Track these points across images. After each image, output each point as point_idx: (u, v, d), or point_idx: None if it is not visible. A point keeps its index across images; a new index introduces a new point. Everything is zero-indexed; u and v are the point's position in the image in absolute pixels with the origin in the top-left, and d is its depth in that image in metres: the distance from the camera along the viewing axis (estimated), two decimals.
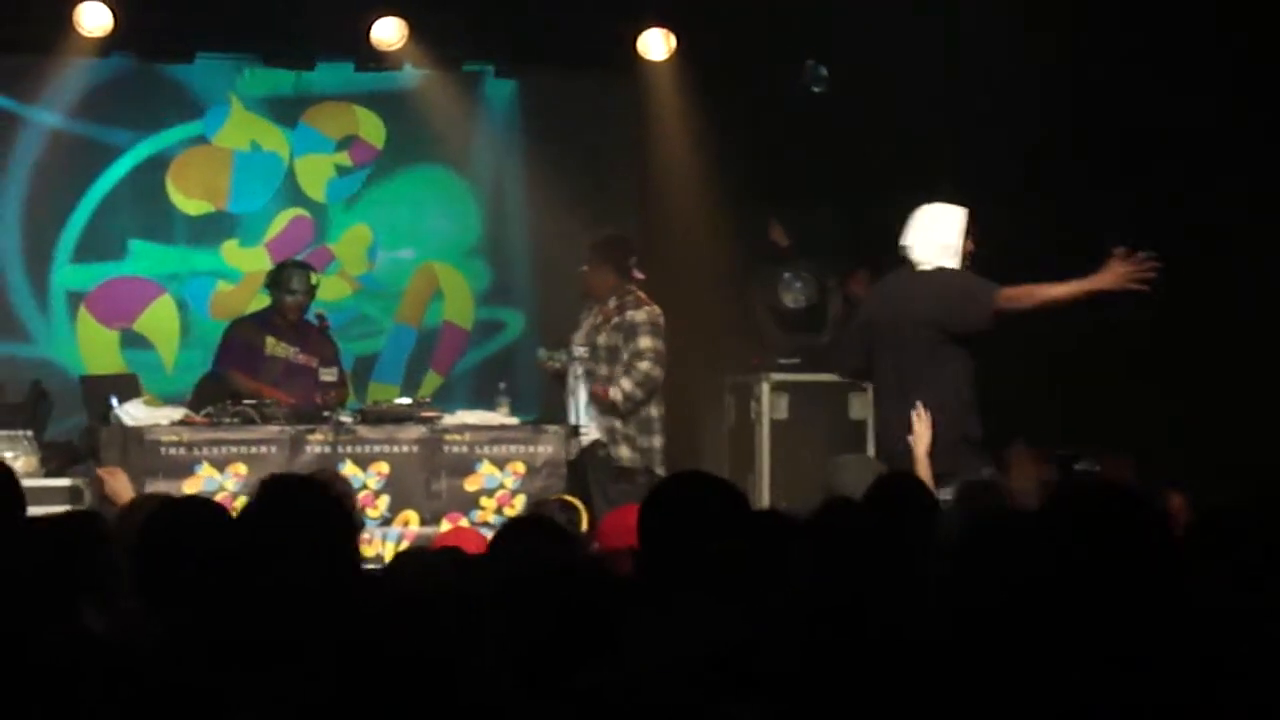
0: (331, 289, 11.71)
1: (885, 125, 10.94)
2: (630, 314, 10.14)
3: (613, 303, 10.18)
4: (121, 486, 8.60)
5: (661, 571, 3.98)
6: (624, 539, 5.08)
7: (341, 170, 12.14)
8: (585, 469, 10.02)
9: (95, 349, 11.70)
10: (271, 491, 4.09)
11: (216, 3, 11.03)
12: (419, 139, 12.16)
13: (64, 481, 9.39)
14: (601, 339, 10.14)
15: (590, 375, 10.09)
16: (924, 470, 7.67)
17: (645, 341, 10.07)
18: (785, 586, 4.27)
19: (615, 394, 10.03)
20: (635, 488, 9.65)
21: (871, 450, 10.19)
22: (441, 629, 3.66)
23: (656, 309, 10.20)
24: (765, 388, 10.89)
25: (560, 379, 10.25)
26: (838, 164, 11.18)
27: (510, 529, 5.14)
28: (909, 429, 8.10)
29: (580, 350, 10.14)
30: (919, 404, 8.09)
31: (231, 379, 10.25)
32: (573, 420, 10.00)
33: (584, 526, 6.98)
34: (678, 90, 11.70)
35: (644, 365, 10.06)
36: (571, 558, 4.28)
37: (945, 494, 7.04)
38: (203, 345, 11.11)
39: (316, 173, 12.11)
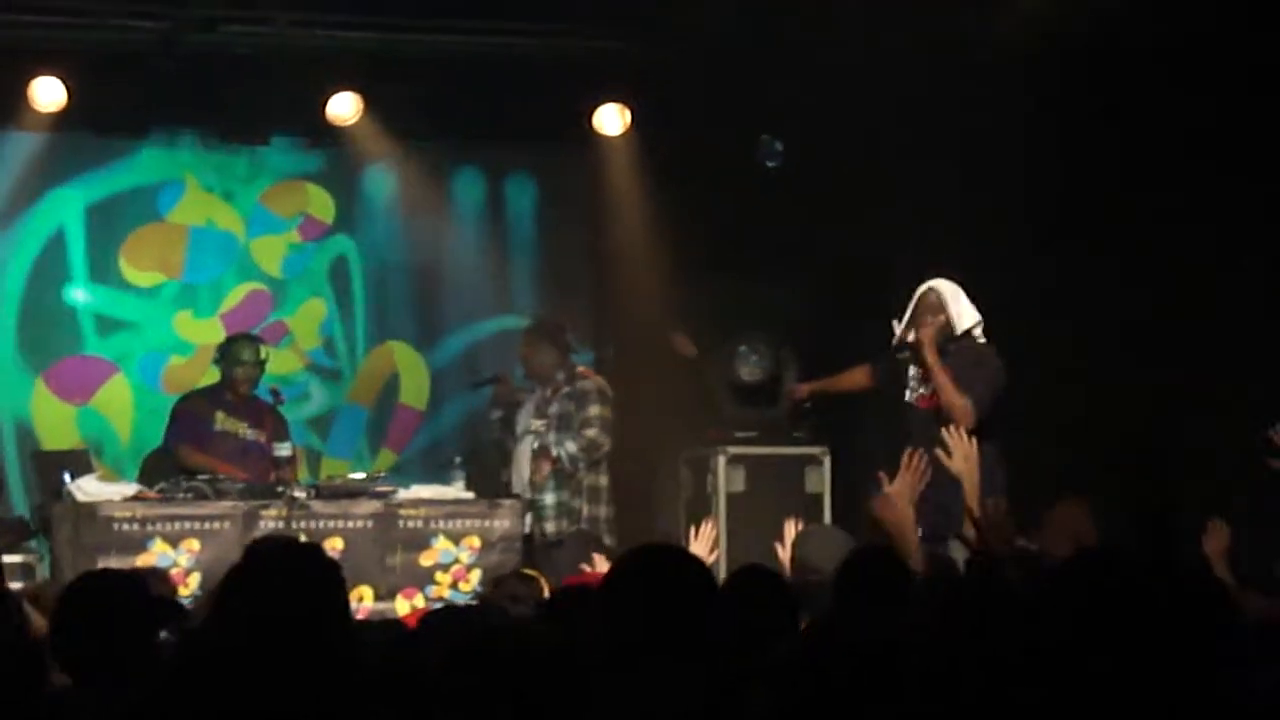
0: (283, 363, 11.68)
1: (841, 198, 10.98)
2: (580, 384, 10.28)
3: (560, 376, 10.25)
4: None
5: (627, 638, 3.96)
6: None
7: (293, 247, 12.12)
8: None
9: (52, 424, 11.63)
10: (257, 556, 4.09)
11: (171, 78, 10.99)
12: (370, 214, 12.15)
13: (16, 558, 9.32)
14: (553, 409, 10.23)
15: (543, 448, 10.14)
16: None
17: (594, 409, 10.19)
18: (753, 653, 4.26)
19: (559, 452, 10.07)
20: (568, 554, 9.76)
21: (829, 521, 10.22)
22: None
23: (603, 380, 10.37)
24: (721, 460, 10.88)
25: (505, 455, 10.34)
26: (794, 237, 11.22)
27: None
28: None
29: (537, 424, 10.20)
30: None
31: (181, 454, 10.21)
32: (517, 491, 10.07)
33: (545, 597, 6.94)
34: (633, 165, 11.73)
35: (591, 432, 10.16)
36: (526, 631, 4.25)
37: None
38: (158, 419, 11.04)
39: (272, 251, 12.09)
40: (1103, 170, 9.97)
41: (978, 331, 8.98)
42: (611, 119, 11.66)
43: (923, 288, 9.00)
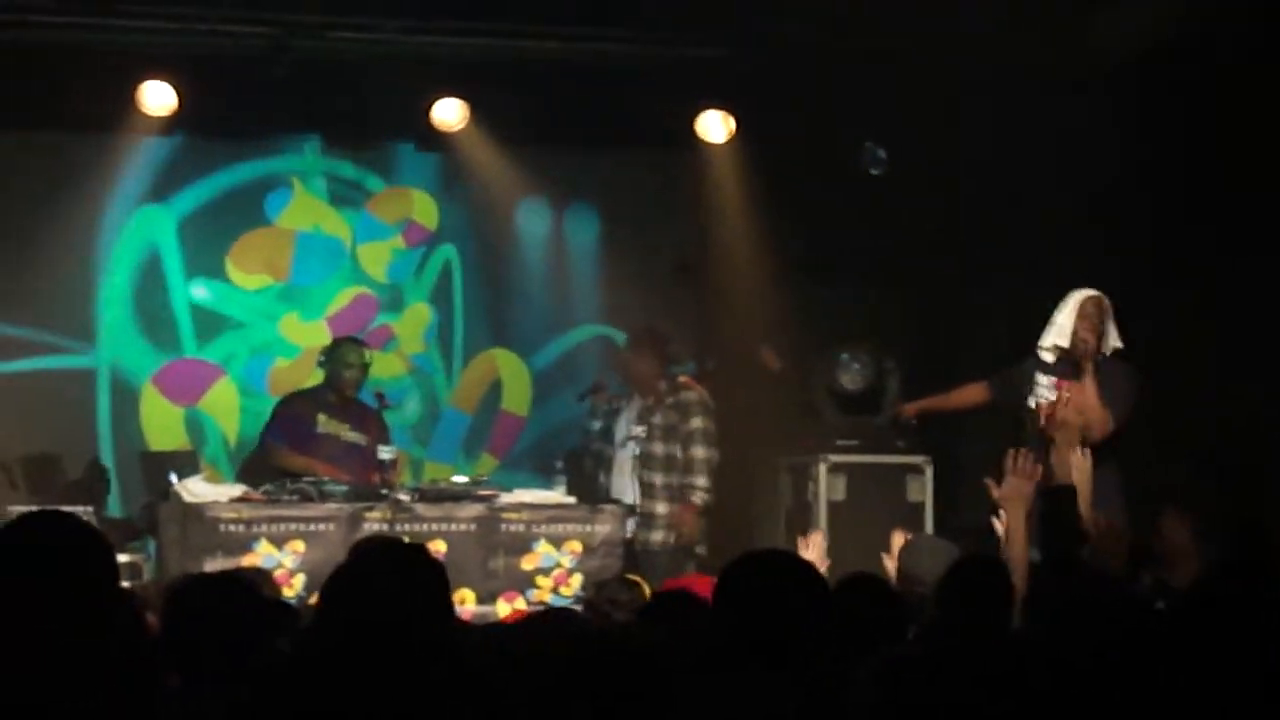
0: (387, 366, 11.78)
1: (944, 206, 10.96)
2: (684, 394, 10.35)
3: (663, 386, 10.29)
4: None
5: (733, 641, 3.97)
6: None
7: (398, 253, 12.19)
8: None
9: (160, 425, 11.75)
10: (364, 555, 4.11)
11: (279, 84, 11.08)
12: (475, 220, 12.21)
13: (123, 558, 9.40)
14: (657, 419, 10.27)
15: (646, 456, 10.19)
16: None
17: (697, 421, 10.23)
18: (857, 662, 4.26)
19: (698, 499, 10.16)
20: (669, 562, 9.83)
21: (930, 531, 10.19)
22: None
23: (705, 391, 10.41)
24: (823, 468, 10.86)
25: (605, 462, 10.42)
26: (897, 244, 11.21)
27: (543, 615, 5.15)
28: None
29: (638, 430, 10.24)
30: None
31: (280, 454, 10.28)
32: (626, 500, 10.09)
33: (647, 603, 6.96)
34: (737, 172, 11.74)
35: (700, 451, 10.23)
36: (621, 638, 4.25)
37: None
38: (264, 420, 11.11)
39: (377, 257, 12.18)
40: (1211, 186, 9.87)
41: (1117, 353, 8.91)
42: (716, 126, 11.67)
43: (1083, 295, 8.90)
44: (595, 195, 12.22)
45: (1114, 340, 8.87)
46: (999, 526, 7.01)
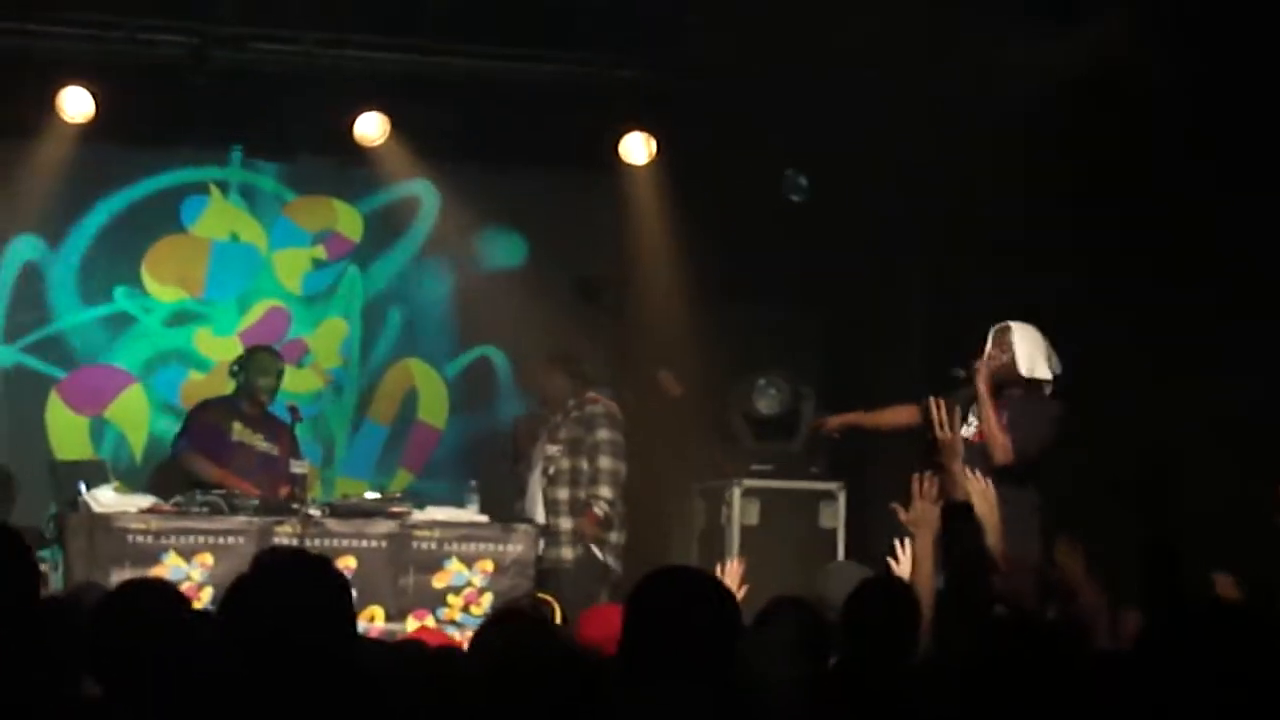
0: (303, 381, 11.71)
1: (863, 232, 11.00)
2: (589, 408, 10.38)
3: (571, 403, 10.29)
4: None
5: (644, 661, 3.96)
6: (603, 633, 5.06)
7: (317, 264, 12.13)
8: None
9: (64, 435, 11.64)
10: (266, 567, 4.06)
11: (199, 94, 11.01)
12: (396, 235, 12.15)
13: None
14: (562, 433, 10.31)
15: (552, 473, 10.19)
16: None
17: (603, 433, 10.27)
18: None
19: (599, 509, 10.13)
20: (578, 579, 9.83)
21: (841, 557, 10.21)
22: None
23: (614, 404, 10.41)
24: (736, 493, 10.87)
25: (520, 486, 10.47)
26: (815, 270, 11.23)
27: (493, 622, 5.11)
28: None
29: (552, 450, 10.26)
30: None
31: (195, 463, 10.22)
32: (537, 518, 10.10)
33: (558, 623, 6.95)
34: (657, 194, 11.74)
35: (605, 462, 10.26)
36: (556, 648, 4.23)
37: None
38: (173, 434, 11.05)
39: (293, 266, 12.10)
40: (1139, 214, 9.93)
41: (1046, 388, 8.90)
42: (638, 147, 11.66)
43: (1000, 325, 8.94)
44: (515, 214, 12.15)
45: (1041, 370, 8.86)
46: (900, 553, 7.02)
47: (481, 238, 12.20)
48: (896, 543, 7.17)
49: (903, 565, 7.06)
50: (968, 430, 8.90)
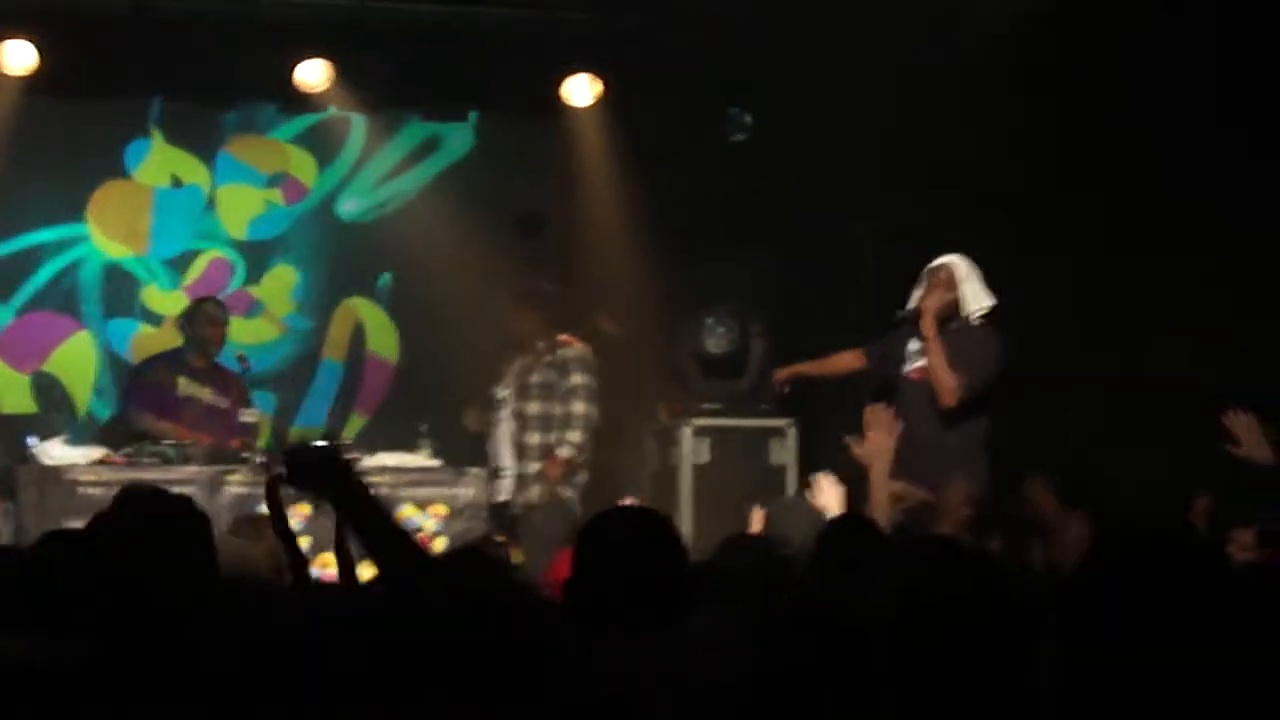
0: (257, 332, 11.70)
1: (808, 171, 11.02)
2: (562, 351, 10.29)
3: (541, 345, 10.26)
4: None
5: (593, 602, 3.99)
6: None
7: (271, 207, 12.09)
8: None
9: (6, 390, 11.60)
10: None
11: (139, 43, 10.95)
12: (342, 179, 12.11)
13: None
14: (535, 377, 10.26)
15: (522, 416, 10.19)
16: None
17: (578, 378, 10.23)
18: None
19: (564, 452, 10.13)
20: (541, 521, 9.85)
21: (793, 494, 10.26)
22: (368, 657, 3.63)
23: (587, 347, 10.38)
24: (687, 432, 10.91)
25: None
26: (762, 210, 11.25)
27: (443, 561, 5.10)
28: None
29: (503, 393, 10.26)
30: None
31: (142, 420, 10.21)
32: (500, 463, 10.10)
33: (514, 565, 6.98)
34: (602, 136, 11.73)
35: (579, 407, 10.22)
36: (506, 587, 4.22)
37: None
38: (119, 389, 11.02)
39: (241, 206, 12.04)
40: (1087, 157, 9.95)
41: (982, 316, 8.97)
42: (581, 89, 11.64)
43: (937, 261, 8.97)
44: (462, 159, 12.12)
45: (979, 302, 8.92)
46: (818, 486, 7.09)
47: (420, 184, 12.12)
48: (816, 476, 7.25)
49: (822, 497, 7.12)
50: (907, 368, 8.97)
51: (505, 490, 10.22)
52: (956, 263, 8.92)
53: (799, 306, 11.36)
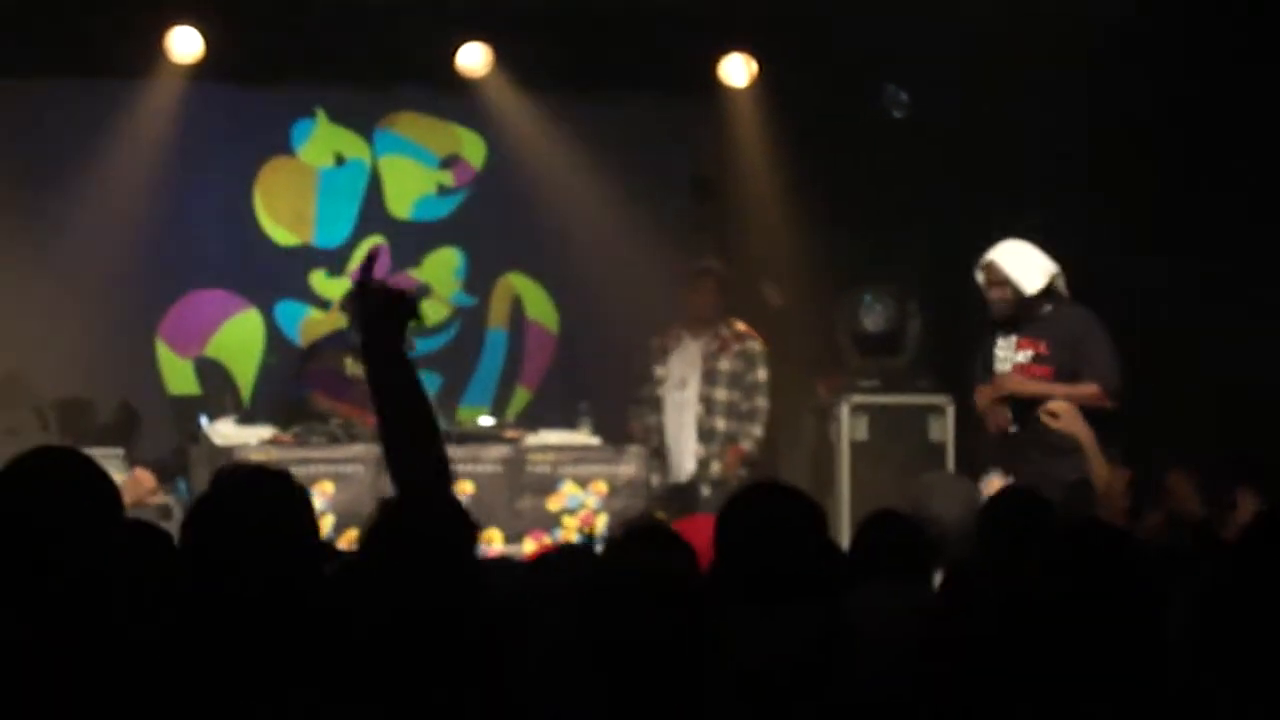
0: (430, 314, 11.87)
1: (967, 149, 11.01)
2: (750, 344, 10.50)
3: (724, 330, 10.36)
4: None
5: (734, 580, 4.00)
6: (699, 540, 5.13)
7: (443, 189, 12.23)
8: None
9: (172, 372, 11.83)
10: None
11: (302, 28, 11.12)
12: (505, 163, 12.22)
13: (156, 499, 9.50)
14: (724, 365, 10.39)
15: (709, 401, 10.29)
16: None
17: (763, 374, 10.49)
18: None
19: (746, 445, 10.33)
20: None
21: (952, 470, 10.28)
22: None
23: (765, 342, 10.60)
24: (845, 410, 10.93)
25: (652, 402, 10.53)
26: (920, 187, 11.25)
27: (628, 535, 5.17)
28: None
29: (663, 371, 10.37)
30: None
31: (314, 400, 10.35)
32: (669, 442, 10.17)
33: None
34: (759, 116, 11.76)
35: (762, 403, 10.47)
36: (690, 566, 4.25)
37: None
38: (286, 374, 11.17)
39: (409, 186, 12.19)
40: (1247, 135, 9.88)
41: (1060, 285, 8.91)
42: (738, 69, 11.69)
43: (981, 262, 8.95)
44: (615, 141, 12.18)
45: (1037, 278, 8.84)
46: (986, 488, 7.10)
47: (582, 165, 12.17)
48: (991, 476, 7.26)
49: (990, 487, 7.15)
50: (1018, 358, 8.87)
51: (683, 471, 10.34)
52: (997, 255, 8.89)
53: (956, 283, 11.34)
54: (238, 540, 3.63)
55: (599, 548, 8.19)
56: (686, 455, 10.45)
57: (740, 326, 10.57)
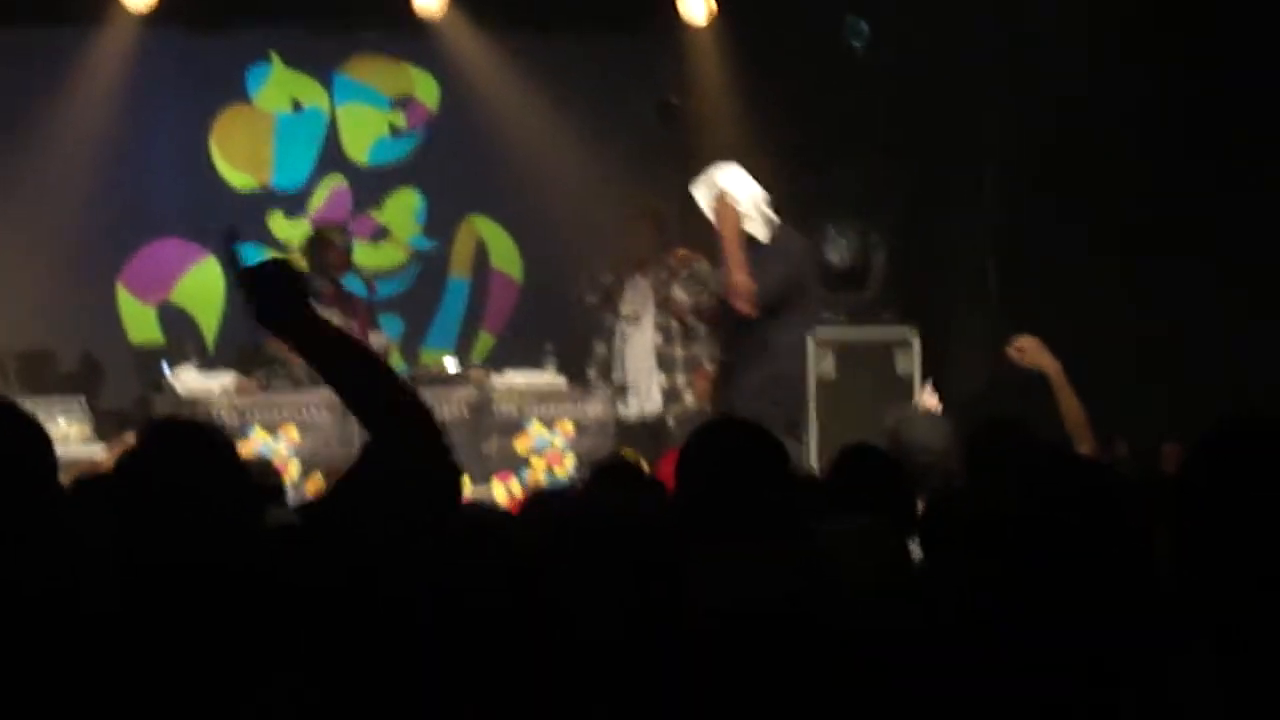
0: (385, 256, 11.80)
1: (927, 81, 10.97)
2: (697, 266, 10.29)
3: (672, 260, 10.26)
4: None
5: (698, 518, 3.94)
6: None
7: (396, 131, 12.16)
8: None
9: (134, 320, 11.77)
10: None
11: None
12: (465, 103, 12.15)
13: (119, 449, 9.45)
14: (676, 292, 10.21)
15: (664, 329, 10.19)
16: None
17: (715, 288, 10.26)
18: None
19: (711, 367, 10.20)
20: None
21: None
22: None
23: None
24: (811, 343, 10.89)
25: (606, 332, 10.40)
26: (880, 120, 11.21)
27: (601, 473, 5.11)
28: None
29: (628, 309, 10.28)
30: None
31: (274, 346, 10.29)
32: (626, 379, 10.12)
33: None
34: (719, 53, 11.71)
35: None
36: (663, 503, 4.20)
37: None
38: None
39: (364, 129, 12.12)
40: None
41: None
42: (698, 7, 11.63)
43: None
44: (576, 79, 12.12)
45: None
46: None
47: (539, 104, 12.10)
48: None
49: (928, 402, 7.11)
50: None
51: (651, 403, 10.22)
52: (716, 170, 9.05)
53: (920, 217, 11.32)
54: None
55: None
56: (652, 389, 10.36)
57: (682, 252, 10.42)
